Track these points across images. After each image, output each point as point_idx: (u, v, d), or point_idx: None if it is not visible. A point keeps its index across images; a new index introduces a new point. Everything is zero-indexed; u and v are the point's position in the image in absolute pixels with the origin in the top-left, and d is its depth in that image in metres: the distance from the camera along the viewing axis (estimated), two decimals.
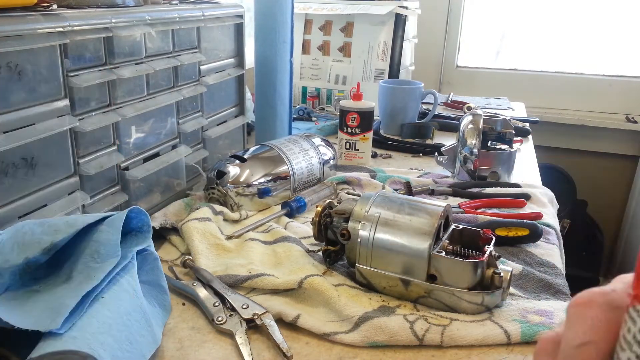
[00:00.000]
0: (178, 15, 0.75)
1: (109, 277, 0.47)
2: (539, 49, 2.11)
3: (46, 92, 0.57)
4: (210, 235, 0.69)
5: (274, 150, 0.85)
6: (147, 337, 0.47)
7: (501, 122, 0.97)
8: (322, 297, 0.57)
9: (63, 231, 0.47)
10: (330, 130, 1.27)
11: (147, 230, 0.54)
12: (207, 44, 0.85)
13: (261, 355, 0.50)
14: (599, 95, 2.04)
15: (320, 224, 0.64)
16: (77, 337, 0.40)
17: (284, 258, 0.66)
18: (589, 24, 2.03)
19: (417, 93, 1.28)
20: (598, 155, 2.07)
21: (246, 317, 0.54)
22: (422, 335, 0.52)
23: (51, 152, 0.59)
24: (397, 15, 1.39)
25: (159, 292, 0.55)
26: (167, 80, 0.77)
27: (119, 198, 0.69)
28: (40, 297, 0.45)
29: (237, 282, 0.60)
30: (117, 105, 0.67)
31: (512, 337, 0.52)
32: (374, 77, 1.43)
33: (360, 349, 0.52)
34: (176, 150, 0.80)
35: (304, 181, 0.87)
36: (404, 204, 0.60)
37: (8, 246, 0.46)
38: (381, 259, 0.58)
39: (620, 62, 2.03)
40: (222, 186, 0.79)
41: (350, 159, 1.05)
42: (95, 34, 0.61)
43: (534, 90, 2.08)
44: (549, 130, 1.98)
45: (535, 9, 2.09)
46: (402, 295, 0.58)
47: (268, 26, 0.97)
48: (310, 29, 1.50)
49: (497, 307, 0.57)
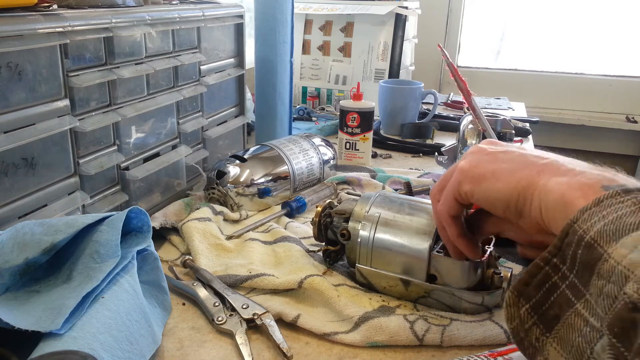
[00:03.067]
0: (178, 15, 0.75)
1: (109, 277, 0.47)
2: (539, 49, 2.11)
3: (46, 92, 0.57)
4: (211, 235, 0.69)
5: (274, 150, 0.85)
6: (147, 337, 0.47)
7: (501, 122, 0.97)
8: (322, 297, 0.57)
9: (63, 231, 0.47)
10: (331, 130, 1.27)
11: (147, 230, 0.54)
12: (207, 44, 0.85)
13: (261, 355, 0.50)
14: (599, 95, 2.04)
15: (320, 224, 0.64)
16: (77, 337, 0.40)
17: (284, 258, 0.66)
18: (589, 24, 2.03)
19: (417, 93, 1.28)
20: (598, 155, 2.07)
21: (246, 317, 0.54)
22: (422, 335, 0.52)
23: (51, 152, 0.59)
24: (397, 15, 1.39)
25: (159, 292, 0.55)
26: (167, 80, 0.77)
27: (119, 198, 0.69)
28: (41, 297, 0.45)
29: (237, 282, 0.60)
30: (117, 105, 0.67)
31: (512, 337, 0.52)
32: (374, 77, 1.43)
33: (360, 349, 0.52)
34: (176, 150, 0.80)
35: (304, 181, 0.87)
36: (404, 204, 0.60)
37: (8, 246, 0.46)
38: (381, 259, 0.58)
39: (620, 62, 2.03)
40: (222, 186, 0.79)
41: (351, 159, 1.05)
42: (95, 34, 0.61)
43: (534, 90, 2.08)
44: (549, 130, 1.98)
45: (535, 9, 2.09)
46: (402, 295, 0.58)
47: (268, 26, 0.97)
48: (310, 29, 1.50)
49: (497, 307, 0.57)
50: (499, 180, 0.43)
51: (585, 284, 0.31)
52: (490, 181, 0.43)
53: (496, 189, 0.43)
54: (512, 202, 0.42)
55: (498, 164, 0.44)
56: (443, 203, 0.49)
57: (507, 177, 0.42)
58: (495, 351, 0.44)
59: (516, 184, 0.42)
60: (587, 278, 0.31)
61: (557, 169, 0.40)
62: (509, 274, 0.56)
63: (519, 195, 0.41)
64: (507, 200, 0.42)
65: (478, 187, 0.44)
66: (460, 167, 0.47)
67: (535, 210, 0.40)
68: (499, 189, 0.43)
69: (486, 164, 0.45)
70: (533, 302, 0.34)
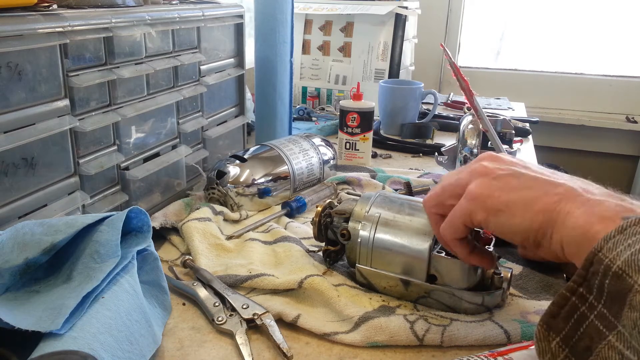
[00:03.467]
0: (178, 15, 0.75)
1: (109, 277, 0.47)
2: (539, 49, 2.11)
3: (46, 92, 0.57)
4: (211, 235, 0.69)
5: (274, 150, 0.85)
6: (147, 337, 0.47)
7: (501, 122, 0.97)
8: (322, 297, 0.57)
9: (63, 231, 0.47)
10: (331, 130, 1.27)
11: (147, 230, 0.54)
12: (207, 44, 0.85)
13: (261, 355, 0.50)
14: (599, 95, 2.04)
15: (320, 224, 0.64)
16: (77, 337, 0.40)
17: (284, 258, 0.66)
18: (589, 24, 2.03)
19: (417, 93, 1.28)
20: (598, 156, 2.08)
21: (246, 317, 0.54)
22: (422, 335, 0.52)
23: (51, 152, 0.59)
24: (397, 15, 1.39)
25: (159, 292, 0.55)
26: (167, 80, 0.77)
27: (119, 198, 0.69)
28: (41, 297, 0.45)
29: (237, 282, 0.60)
30: (117, 105, 0.67)
31: (512, 337, 0.52)
32: (374, 77, 1.43)
33: (360, 349, 0.52)
34: (176, 150, 0.80)
35: (304, 181, 0.87)
36: (404, 204, 0.60)
37: (8, 246, 0.46)
38: (381, 259, 0.58)
39: (620, 62, 2.03)
40: (222, 186, 0.79)
41: (351, 159, 1.05)
42: (95, 34, 0.61)
43: (534, 90, 2.08)
44: (549, 131, 1.98)
45: (535, 9, 2.09)
46: (402, 295, 0.58)
47: (268, 26, 0.97)
48: (310, 29, 1.50)
49: (497, 307, 0.57)
50: (516, 215, 0.42)
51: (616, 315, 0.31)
52: (506, 215, 0.42)
53: (513, 224, 0.42)
54: (530, 236, 0.41)
55: (511, 193, 0.43)
56: (449, 227, 0.47)
57: (523, 212, 0.42)
58: (496, 351, 0.44)
59: (534, 219, 0.41)
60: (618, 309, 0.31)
61: (573, 199, 0.39)
62: (509, 274, 0.56)
63: (537, 229, 0.41)
64: (525, 234, 0.42)
65: (493, 218, 0.43)
66: (470, 193, 0.45)
67: (555, 244, 0.40)
68: (516, 224, 0.42)
69: (499, 193, 0.43)
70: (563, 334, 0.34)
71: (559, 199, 0.40)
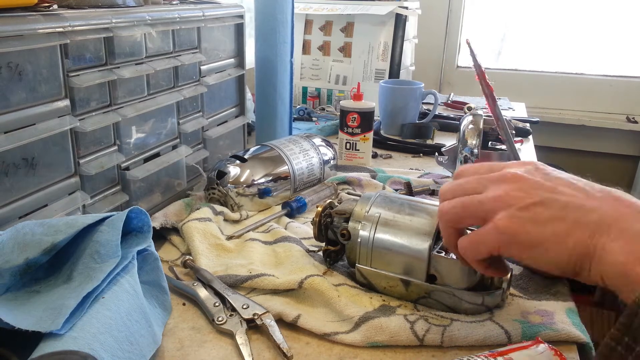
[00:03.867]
0: (178, 16, 0.75)
1: (109, 277, 0.47)
2: (539, 49, 2.11)
3: (46, 92, 0.57)
4: (211, 235, 0.69)
5: (275, 151, 0.85)
6: (148, 337, 0.47)
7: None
8: (322, 297, 0.57)
9: (63, 231, 0.47)
10: (331, 130, 1.27)
11: (147, 230, 0.54)
12: (208, 44, 0.85)
13: (261, 355, 0.50)
14: (599, 95, 2.04)
15: (320, 224, 0.64)
16: (78, 338, 0.40)
17: (284, 258, 0.66)
18: (589, 24, 2.03)
19: (417, 93, 1.28)
20: (598, 156, 2.07)
21: (246, 317, 0.54)
22: (422, 335, 0.52)
23: (51, 152, 0.59)
24: (398, 16, 1.39)
25: (159, 292, 0.55)
26: (168, 81, 0.77)
27: (119, 198, 0.69)
28: (41, 297, 0.45)
29: (237, 282, 0.60)
30: (117, 105, 0.67)
31: (512, 337, 0.52)
32: (374, 77, 1.43)
33: (360, 349, 0.52)
34: (176, 150, 0.80)
35: (304, 181, 0.87)
36: (404, 204, 0.60)
37: (8, 247, 0.46)
38: (381, 259, 0.58)
39: (620, 62, 2.03)
40: (223, 186, 0.79)
41: (351, 159, 1.05)
42: (95, 34, 0.61)
43: (534, 90, 2.08)
44: (550, 131, 1.98)
45: (536, 9, 2.09)
46: (402, 295, 0.58)
47: (268, 26, 0.97)
48: (310, 29, 1.50)
49: (497, 307, 0.57)
50: (549, 250, 0.41)
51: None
52: (539, 250, 0.42)
53: (549, 259, 0.41)
54: (567, 269, 0.41)
55: (542, 226, 0.41)
56: (473, 251, 0.46)
57: (557, 247, 0.41)
58: (496, 351, 0.44)
59: (570, 253, 0.40)
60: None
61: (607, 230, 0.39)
62: (509, 274, 0.56)
63: (575, 263, 0.40)
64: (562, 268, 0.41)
65: (527, 253, 0.42)
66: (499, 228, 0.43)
67: (595, 276, 0.39)
68: (551, 258, 0.41)
69: (529, 227, 0.42)
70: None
71: (592, 233, 0.39)
